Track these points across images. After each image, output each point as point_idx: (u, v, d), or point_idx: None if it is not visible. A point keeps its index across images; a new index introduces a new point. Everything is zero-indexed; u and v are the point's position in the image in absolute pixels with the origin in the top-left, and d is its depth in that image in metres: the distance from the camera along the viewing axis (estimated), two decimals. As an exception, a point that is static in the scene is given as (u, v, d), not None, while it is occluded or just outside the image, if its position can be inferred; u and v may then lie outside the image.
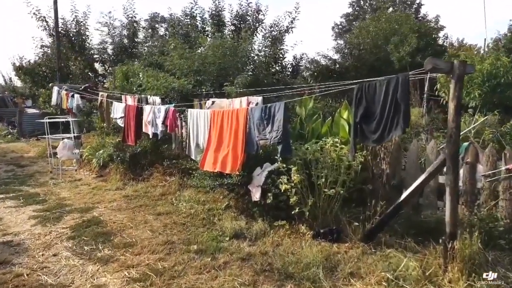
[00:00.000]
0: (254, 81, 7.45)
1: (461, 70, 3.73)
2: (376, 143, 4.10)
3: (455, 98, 3.77)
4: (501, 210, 4.85)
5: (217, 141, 5.58)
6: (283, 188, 4.81)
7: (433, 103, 12.32)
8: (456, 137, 3.81)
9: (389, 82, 3.86)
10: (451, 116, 3.81)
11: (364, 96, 4.09)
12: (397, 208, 4.43)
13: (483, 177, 5.00)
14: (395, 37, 14.61)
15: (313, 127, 6.32)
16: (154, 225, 5.49)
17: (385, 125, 3.88)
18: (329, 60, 15.31)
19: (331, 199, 5.09)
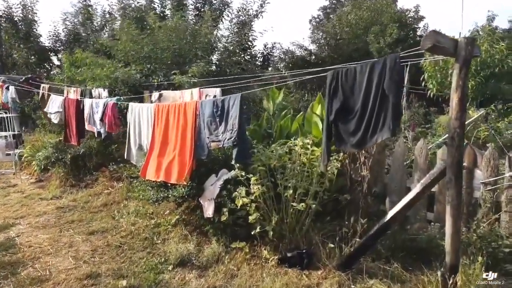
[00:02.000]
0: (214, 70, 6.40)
1: (468, 51, 2.79)
2: (356, 147, 3.12)
3: (460, 89, 2.84)
4: (504, 225, 4.01)
5: (161, 143, 4.50)
6: (239, 203, 3.79)
7: (413, 96, 11.59)
8: (460, 140, 2.89)
9: (373, 67, 2.88)
10: (454, 112, 2.87)
11: (340, 86, 3.10)
12: (382, 229, 3.49)
13: (483, 185, 4.14)
14: (375, 27, 13.80)
15: (282, 124, 5.32)
16: (81, 249, 4.37)
17: (367, 124, 2.90)
18: (304, 51, 14.37)
19: (301, 214, 4.13)
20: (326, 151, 3.29)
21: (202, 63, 5.99)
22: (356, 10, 15.12)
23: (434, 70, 7.04)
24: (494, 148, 4.10)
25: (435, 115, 10.85)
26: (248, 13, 9.34)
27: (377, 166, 4.82)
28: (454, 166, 2.91)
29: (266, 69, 10.96)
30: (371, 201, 4.37)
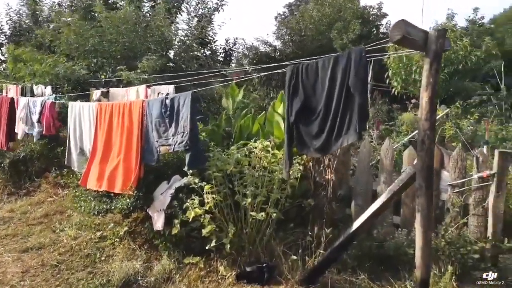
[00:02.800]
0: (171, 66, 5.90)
1: (439, 44, 2.52)
2: (320, 152, 2.78)
3: (430, 86, 2.57)
4: (473, 229, 3.84)
5: (104, 148, 3.98)
6: (191, 216, 3.37)
7: (377, 93, 11.57)
8: (430, 143, 2.62)
9: (337, 61, 2.55)
10: (423, 113, 2.60)
11: (300, 84, 2.75)
12: (347, 241, 3.19)
13: (450, 187, 3.96)
14: (338, 23, 13.69)
15: (242, 124, 4.94)
16: (10, 271, 3.79)
17: (331, 127, 2.58)
18: (269, 47, 14.05)
19: (261, 223, 3.78)
20: (288, 156, 2.93)
21: (155, 57, 5.46)
22: (319, 7, 14.97)
23: (399, 67, 6.91)
24: (461, 148, 3.92)
25: (398, 112, 10.87)
26: (207, 6, 8.86)
27: (342, 167, 4.56)
28: (424, 171, 2.65)
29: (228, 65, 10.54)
30: (336, 207, 4.07)
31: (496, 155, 3.66)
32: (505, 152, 3.62)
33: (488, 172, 3.69)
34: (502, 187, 3.66)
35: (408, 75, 7.03)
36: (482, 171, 3.77)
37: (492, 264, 3.51)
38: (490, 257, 3.67)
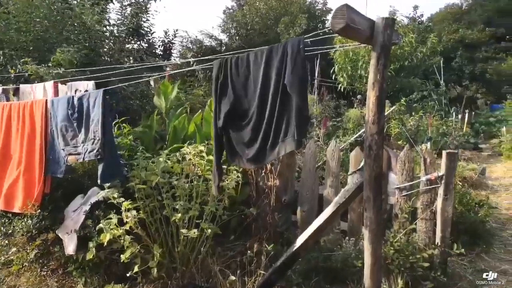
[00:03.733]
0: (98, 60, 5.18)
1: (386, 35, 2.19)
2: (253, 163, 2.35)
3: (378, 84, 2.23)
4: (422, 234, 3.65)
5: (0, 158, 3.27)
6: (105, 239, 2.81)
7: (324, 89, 11.49)
8: (379, 149, 2.29)
9: (271, 54, 2.13)
10: (370, 114, 2.27)
11: (229, 82, 2.30)
12: (289, 260, 2.81)
13: (398, 190, 3.74)
14: (285, 17, 13.45)
15: (176, 125, 4.40)
16: None
17: (266, 133, 2.15)
18: (214, 40, 13.49)
19: (195, 240, 3.30)
20: (217, 168, 2.48)
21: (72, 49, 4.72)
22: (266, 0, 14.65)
23: (345, 62, 6.70)
24: (408, 149, 3.70)
25: (345, 108, 10.85)
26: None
27: (287, 171, 4.20)
28: (372, 181, 2.32)
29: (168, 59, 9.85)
30: (279, 217, 3.70)
31: (443, 156, 3.47)
32: (452, 153, 3.44)
33: (436, 174, 3.50)
34: (450, 189, 3.48)
35: (355, 70, 6.87)
36: (430, 173, 3.58)
37: (441, 273, 3.32)
38: (438, 263, 3.49)
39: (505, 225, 4.92)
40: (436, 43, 7.62)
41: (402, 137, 4.79)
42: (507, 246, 4.28)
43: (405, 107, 6.08)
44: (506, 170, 7.50)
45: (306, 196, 4.14)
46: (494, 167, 8.06)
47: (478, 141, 10.96)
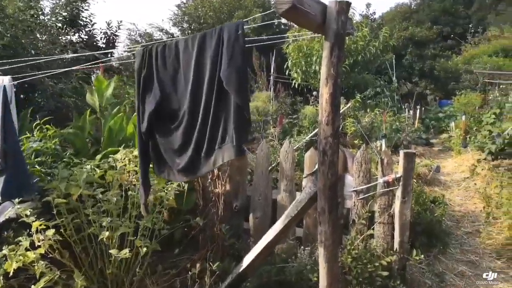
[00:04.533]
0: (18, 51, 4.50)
1: (341, 22, 1.88)
2: (186, 175, 1.95)
3: (332, 80, 1.92)
4: (379, 240, 3.44)
5: None
6: (10, 268, 2.30)
7: (280, 86, 11.26)
8: (333, 154, 1.99)
9: (204, 42, 1.74)
10: (324, 114, 1.96)
11: (155, 75, 1.88)
12: (237, 281, 2.46)
13: (354, 193, 3.51)
14: (239, 12, 13.07)
15: (111, 126, 3.89)
16: None
17: (200, 138, 1.77)
18: (165, 34, 12.80)
19: (131, 260, 2.85)
20: (143, 182, 2.05)
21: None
22: (218, -7, 14.18)
23: (298, 56, 6.43)
24: (365, 150, 3.47)
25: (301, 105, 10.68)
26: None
27: (237, 174, 3.85)
28: (327, 191, 2.02)
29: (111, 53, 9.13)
30: (227, 229, 3.33)
31: (401, 156, 3.27)
32: (410, 153, 3.25)
33: (394, 176, 3.29)
34: (408, 191, 3.29)
35: (309, 66, 6.64)
36: (388, 174, 3.37)
37: (400, 281, 3.12)
38: (397, 269, 3.30)
39: (459, 222, 4.89)
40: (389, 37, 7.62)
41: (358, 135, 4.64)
42: (462, 245, 4.22)
43: (360, 104, 5.97)
44: (456, 165, 7.65)
45: (259, 201, 3.81)
46: (446, 162, 8.22)
47: (429, 136, 11.25)
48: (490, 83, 14.11)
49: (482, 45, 21.02)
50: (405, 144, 8.63)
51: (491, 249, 4.06)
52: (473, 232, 4.57)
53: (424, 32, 18.62)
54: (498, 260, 3.82)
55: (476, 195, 5.79)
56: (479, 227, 4.67)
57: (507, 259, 3.80)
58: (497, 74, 14.63)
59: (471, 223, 4.85)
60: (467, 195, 5.96)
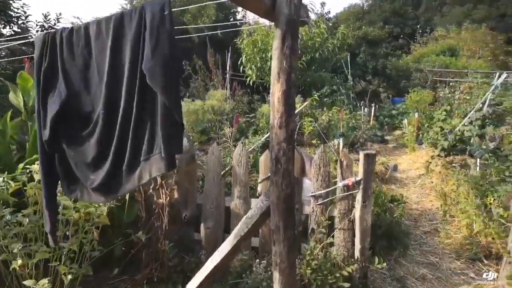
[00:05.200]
0: None
1: (294, 8, 1.58)
2: (103, 194, 1.54)
3: (284, 75, 1.63)
4: (340, 248, 3.22)
5: None
6: None
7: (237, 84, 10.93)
8: (289, 161, 1.70)
9: (121, 25, 1.37)
10: (276, 115, 1.66)
11: (60, 68, 1.48)
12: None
13: (313, 198, 3.27)
14: (192, 7, 12.55)
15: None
16: None
17: (120, 148, 1.39)
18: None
19: None
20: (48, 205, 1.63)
21: None
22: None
23: (253, 52, 6.11)
24: (323, 151, 3.23)
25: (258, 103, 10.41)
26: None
27: (186, 181, 3.49)
28: (281, 205, 1.72)
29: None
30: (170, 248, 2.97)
31: (361, 158, 3.06)
32: (370, 155, 3.05)
33: (353, 179, 3.08)
34: (368, 195, 3.09)
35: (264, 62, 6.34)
36: (347, 177, 3.16)
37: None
38: (359, 278, 3.10)
39: (417, 221, 4.82)
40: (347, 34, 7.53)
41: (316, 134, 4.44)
42: (422, 246, 4.13)
43: (318, 102, 5.80)
44: (411, 162, 7.73)
45: (210, 210, 3.47)
46: (401, 159, 8.29)
47: (384, 133, 11.43)
48: (439, 81, 14.67)
49: (430, 44, 21.97)
50: (362, 142, 8.63)
51: (450, 249, 3.99)
52: (431, 231, 4.51)
53: (376, 31, 19.08)
54: (457, 260, 3.74)
55: (432, 193, 5.80)
56: (437, 226, 4.62)
57: (466, 259, 3.73)
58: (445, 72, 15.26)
59: (429, 221, 4.81)
60: (423, 193, 5.97)
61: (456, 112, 8.92)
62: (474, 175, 4.64)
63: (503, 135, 6.80)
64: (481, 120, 7.57)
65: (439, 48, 19.36)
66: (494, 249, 3.67)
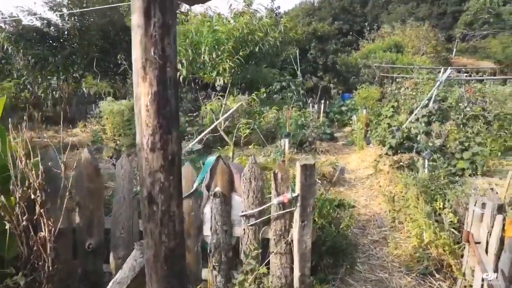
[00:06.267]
0: None
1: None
2: None
3: (154, 69, 1.04)
4: (275, 278, 2.72)
5: None
6: None
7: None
8: (171, 201, 1.12)
9: None
10: (145, 132, 1.08)
11: None
12: None
13: (244, 218, 2.73)
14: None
15: None
16: None
17: None
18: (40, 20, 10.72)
19: None
20: None
21: None
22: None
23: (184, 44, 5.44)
24: (254, 163, 2.70)
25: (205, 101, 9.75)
26: None
27: (90, 202, 2.82)
28: (160, 268, 1.14)
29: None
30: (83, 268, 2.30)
31: (297, 170, 2.57)
32: (308, 166, 2.56)
33: (290, 196, 2.58)
34: (307, 213, 2.61)
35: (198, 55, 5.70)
36: (283, 193, 2.65)
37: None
38: (299, 312, 2.62)
39: (365, 228, 4.47)
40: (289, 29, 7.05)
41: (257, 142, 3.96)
42: (370, 259, 3.75)
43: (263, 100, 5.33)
44: (360, 161, 7.48)
45: (121, 236, 2.85)
46: (350, 158, 8.04)
47: (334, 130, 11.24)
48: (386, 77, 14.82)
49: (377, 41, 22.42)
50: (310, 141, 8.29)
51: (400, 261, 3.64)
52: (380, 240, 4.17)
53: (326, 27, 19.03)
54: (408, 275, 3.39)
55: (380, 195, 5.52)
56: (386, 234, 4.30)
57: (416, 273, 3.39)
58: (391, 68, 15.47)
59: (378, 228, 4.47)
60: (372, 195, 5.68)
61: (403, 108, 8.86)
62: (423, 177, 4.36)
63: (449, 132, 6.73)
64: (427, 116, 7.50)
65: (385, 44, 19.75)
66: (446, 261, 3.36)
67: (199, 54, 5.59)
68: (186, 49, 5.62)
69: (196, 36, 5.50)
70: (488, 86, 9.13)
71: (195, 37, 5.54)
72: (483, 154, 5.65)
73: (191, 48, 5.65)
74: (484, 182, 5.22)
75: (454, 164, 5.67)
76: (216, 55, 5.88)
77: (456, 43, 27.82)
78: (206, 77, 5.94)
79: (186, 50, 5.61)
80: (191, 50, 5.65)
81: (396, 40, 20.35)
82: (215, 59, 5.87)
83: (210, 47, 5.39)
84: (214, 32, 5.46)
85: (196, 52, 5.62)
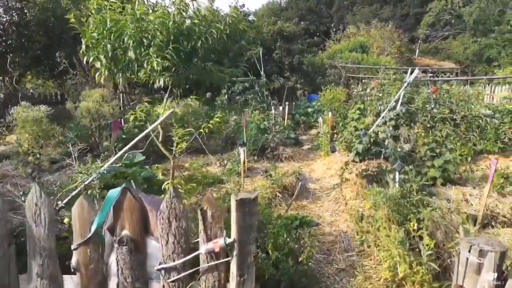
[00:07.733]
0: None
1: None
2: None
3: None
4: None
5: None
6: None
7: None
8: None
9: None
10: None
11: None
12: None
13: (163, 272, 1.99)
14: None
15: None
16: None
17: None
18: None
19: None
20: None
21: None
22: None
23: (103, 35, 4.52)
24: (174, 196, 1.96)
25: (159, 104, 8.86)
26: None
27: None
28: None
29: None
30: None
31: (232, 208, 1.86)
32: (247, 201, 1.85)
33: (222, 242, 1.87)
34: (248, 264, 1.91)
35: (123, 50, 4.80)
36: (214, 237, 1.94)
37: None
38: None
39: (330, 253, 3.85)
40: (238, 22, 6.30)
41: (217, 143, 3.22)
42: (335, 298, 3.12)
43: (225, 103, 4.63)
44: (326, 169, 6.90)
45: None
46: (315, 165, 7.46)
47: (299, 133, 10.67)
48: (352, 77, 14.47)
49: (343, 41, 22.23)
50: (273, 147, 7.65)
51: (369, 299, 3.03)
52: (347, 269, 3.55)
53: (291, 27, 18.51)
54: (380, 320, 2.78)
55: (346, 209, 4.93)
56: (353, 259, 3.69)
57: (390, 317, 2.78)
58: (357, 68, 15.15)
59: (344, 252, 3.86)
60: (338, 209, 5.08)
61: (369, 109, 8.40)
62: (394, 193, 3.78)
63: (417, 135, 6.28)
64: (395, 120, 7.04)
65: (351, 44, 19.53)
66: (424, 301, 2.78)
67: (125, 50, 4.69)
68: (105, 43, 4.60)
69: (115, 26, 4.51)
70: (454, 87, 8.85)
71: (114, 27, 4.52)
72: (455, 161, 5.21)
73: (110, 42, 4.67)
74: (457, 192, 4.77)
75: (425, 172, 5.19)
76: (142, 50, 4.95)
77: (419, 44, 28.23)
78: (134, 78, 5.08)
79: (104, 44, 4.60)
80: (111, 44, 4.67)
81: (361, 41, 20.20)
82: (141, 55, 4.96)
83: (135, 41, 4.50)
84: (138, 21, 4.59)
85: (120, 47, 4.71)
